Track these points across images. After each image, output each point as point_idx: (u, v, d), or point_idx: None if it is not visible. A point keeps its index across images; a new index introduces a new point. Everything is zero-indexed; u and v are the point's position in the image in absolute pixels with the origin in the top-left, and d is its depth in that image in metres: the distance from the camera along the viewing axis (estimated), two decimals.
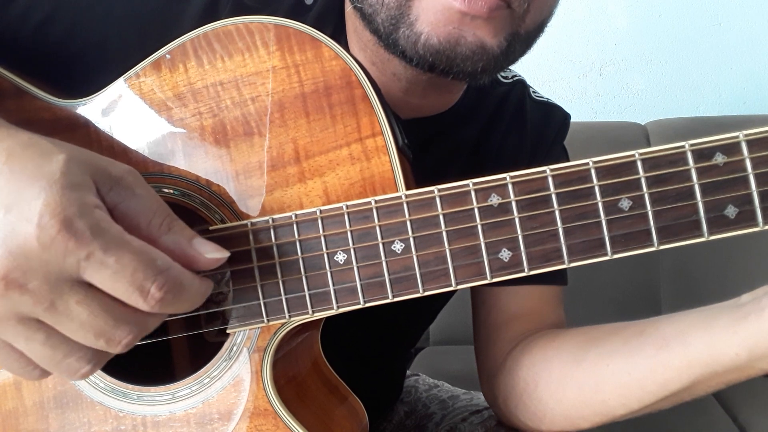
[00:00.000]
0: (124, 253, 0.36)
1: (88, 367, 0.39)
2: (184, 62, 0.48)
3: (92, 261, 0.35)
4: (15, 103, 0.50)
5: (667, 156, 0.43)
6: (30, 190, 0.35)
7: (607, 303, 1.55)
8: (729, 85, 1.90)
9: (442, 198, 0.45)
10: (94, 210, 0.36)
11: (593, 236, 0.44)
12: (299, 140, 0.47)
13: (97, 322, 0.36)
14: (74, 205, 0.35)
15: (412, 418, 0.85)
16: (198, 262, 0.40)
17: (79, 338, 0.37)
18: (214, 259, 0.41)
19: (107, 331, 0.37)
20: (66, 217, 0.34)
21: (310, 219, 0.46)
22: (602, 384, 0.56)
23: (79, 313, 0.36)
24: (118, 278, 0.36)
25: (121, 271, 0.36)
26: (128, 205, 0.38)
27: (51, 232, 0.34)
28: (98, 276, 0.36)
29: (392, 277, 0.45)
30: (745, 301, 0.49)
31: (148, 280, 0.36)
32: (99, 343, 0.37)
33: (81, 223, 0.35)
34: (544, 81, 1.86)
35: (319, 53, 0.47)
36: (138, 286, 0.36)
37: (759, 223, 0.43)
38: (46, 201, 0.34)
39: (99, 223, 0.35)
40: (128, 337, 0.37)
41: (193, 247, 0.40)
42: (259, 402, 0.48)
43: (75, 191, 0.35)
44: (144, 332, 0.39)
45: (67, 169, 0.36)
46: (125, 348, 0.38)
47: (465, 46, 0.54)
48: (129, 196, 0.39)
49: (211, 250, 0.41)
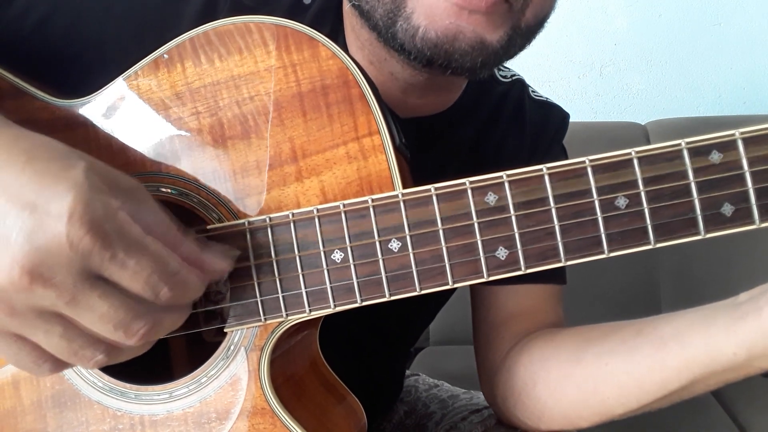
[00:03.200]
0: (143, 255, 0.38)
1: (101, 357, 0.40)
2: (182, 62, 0.48)
3: (114, 262, 0.37)
4: (13, 103, 0.50)
5: (664, 154, 0.43)
6: (56, 188, 0.36)
7: (607, 303, 1.55)
8: (729, 85, 1.90)
9: (439, 197, 0.45)
10: (118, 212, 0.37)
11: (590, 234, 0.44)
12: (296, 139, 0.47)
13: (117, 314, 0.38)
14: (101, 208, 0.36)
15: (412, 417, 0.85)
16: (215, 271, 0.44)
17: (98, 329, 0.39)
18: (227, 265, 0.44)
19: (126, 323, 0.39)
20: (94, 218, 0.36)
21: (307, 218, 0.46)
22: (601, 383, 0.56)
23: (100, 306, 0.38)
24: (137, 278, 0.38)
25: (140, 272, 0.38)
26: (140, 217, 0.40)
27: (80, 233, 0.35)
28: (118, 275, 0.38)
29: (389, 276, 0.45)
30: (742, 300, 0.49)
31: (162, 282, 0.39)
32: (117, 334, 0.39)
33: (108, 225, 0.36)
34: (544, 81, 1.86)
35: (316, 53, 0.47)
36: (152, 286, 0.39)
37: (755, 221, 0.43)
38: (75, 201, 0.36)
39: (123, 227, 0.37)
40: (144, 328, 0.39)
41: (206, 256, 0.43)
42: (257, 401, 0.48)
43: (100, 194, 0.37)
44: (158, 329, 0.40)
45: (89, 174, 0.37)
46: (140, 340, 0.40)
47: (464, 42, 0.54)
48: (141, 208, 0.40)
49: (221, 257, 0.44)
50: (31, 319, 0.38)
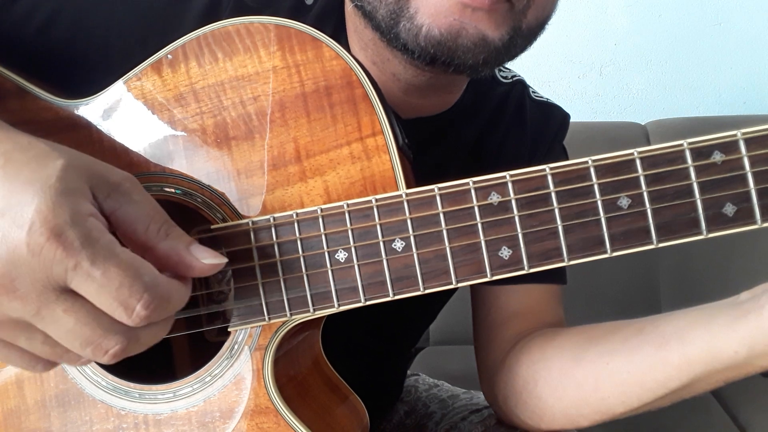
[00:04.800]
0: (111, 266, 0.35)
1: (86, 359, 0.39)
2: (185, 62, 0.48)
3: (79, 271, 0.35)
4: (17, 103, 0.50)
5: (666, 154, 0.43)
6: (23, 195, 0.34)
7: (607, 303, 1.55)
8: (729, 85, 1.90)
9: (443, 196, 0.45)
10: (87, 218, 0.35)
11: (593, 234, 0.44)
12: (300, 140, 0.47)
13: (84, 330, 0.36)
14: (66, 213, 0.34)
15: (412, 417, 0.85)
16: (195, 268, 0.40)
17: (67, 345, 0.37)
18: (212, 264, 0.40)
19: (94, 340, 0.36)
20: (56, 225, 0.34)
21: (311, 217, 0.46)
22: (602, 382, 0.56)
23: (66, 321, 0.36)
24: (103, 292, 0.35)
25: (107, 285, 0.35)
26: (126, 211, 0.38)
27: (40, 240, 0.34)
28: (84, 287, 0.35)
29: (393, 276, 0.45)
30: (744, 299, 0.49)
31: (134, 297, 0.36)
32: (86, 352, 0.37)
33: (71, 232, 0.34)
34: (544, 81, 1.86)
35: (319, 53, 0.47)
36: (122, 302, 0.36)
37: (757, 221, 0.43)
38: (38, 207, 0.34)
39: (90, 233, 0.35)
40: (116, 347, 0.37)
41: (191, 252, 0.40)
42: (261, 400, 0.48)
43: (69, 197, 0.35)
44: (135, 345, 0.38)
45: (64, 175, 0.35)
46: (113, 358, 0.37)
47: (466, 38, 0.54)
48: (126, 202, 0.38)
49: (208, 256, 0.40)
50: (10, 328, 0.37)
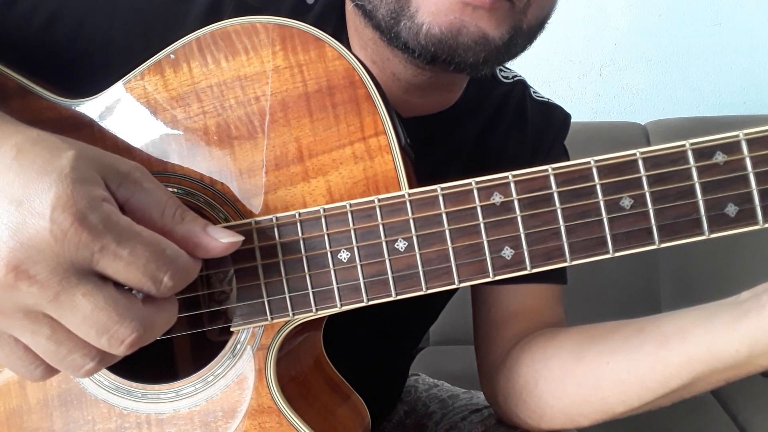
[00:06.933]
0: (136, 244, 0.37)
1: (92, 365, 0.39)
2: (188, 62, 0.48)
3: (106, 253, 0.36)
4: (20, 102, 0.50)
5: (668, 155, 0.43)
6: (40, 184, 0.35)
7: (607, 303, 1.55)
8: (729, 85, 1.90)
9: (445, 196, 0.45)
10: (103, 203, 0.36)
11: (595, 234, 0.44)
12: (303, 139, 0.47)
13: (100, 316, 0.36)
14: (85, 199, 0.35)
15: (412, 417, 0.85)
16: (214, 248, 0.41)
17: (81, 333, 0.37)
18: (230, 243, 0.42)
19: (110, 327, 0.37)
20: (78, 210, 0.35)
21: (313, 217, 0.46)
22: (602, 381, 0.57)
23: (84, 306, 0.36)
24: (132, 269, 0.37)
25: (135, 262, 0.37)
26: (139, 199, 0.39)
27: (64, 225, 0.35)
28: (112, 267, 0.36)
29: (395, 275, 0.46)
30: (745, 298, 0.49)
31: (161, 270, 0.38)
32: (101, 341, 0.37)
33: (93, 216, 0.35)
34: (544, 81, 1.86)
35: (322, 53, 0.47)
36: (151, 276, 0.37)
37: (759, 221, 0.43)
38: (58, 194, 0.35)
39: (110, 216, 0.36)
40: (131, 335, 0.37)
41: (208, 233, 0.41)
42: (263, 399, 0.48)
43: (84, 185, 0.36)
44: (149, 333, 0.39)
45: (76, 165, 0.36)
46: (128, 349, 0.38)
47: (467, 36, 0.54)
48: (139, 190, 0.39)
49: (225, 235, 0.42)
50: (19, 319, 0.37)
